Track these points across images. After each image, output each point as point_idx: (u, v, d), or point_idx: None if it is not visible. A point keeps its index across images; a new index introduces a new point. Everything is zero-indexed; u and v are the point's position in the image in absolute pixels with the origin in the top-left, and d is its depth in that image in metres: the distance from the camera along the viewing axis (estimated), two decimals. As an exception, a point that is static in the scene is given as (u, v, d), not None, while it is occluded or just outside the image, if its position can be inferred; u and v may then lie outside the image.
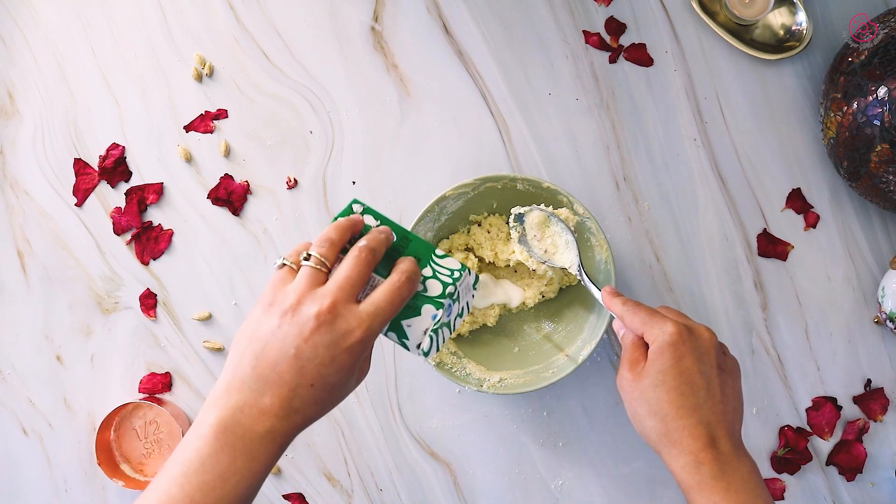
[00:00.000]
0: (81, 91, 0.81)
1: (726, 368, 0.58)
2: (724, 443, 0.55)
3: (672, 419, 0.55)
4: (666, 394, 0.55)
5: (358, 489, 0.79)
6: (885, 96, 0.68)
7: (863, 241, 0.80)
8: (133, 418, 0.79)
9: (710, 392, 0.56)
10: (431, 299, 0.52)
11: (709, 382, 0.56)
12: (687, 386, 0.55)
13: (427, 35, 0.81)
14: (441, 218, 0.74)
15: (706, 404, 0.55)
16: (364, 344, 0.48)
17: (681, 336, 0.56)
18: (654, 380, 0.56)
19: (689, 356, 0.56)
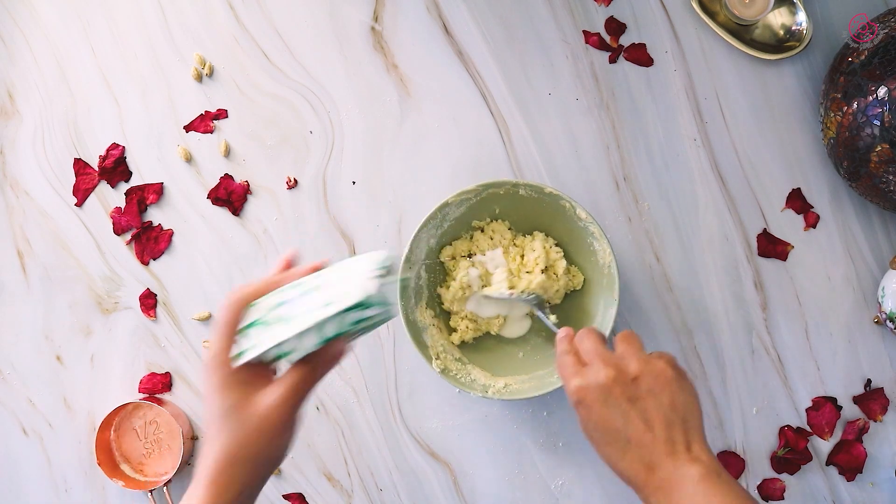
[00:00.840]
0: (81, 91, 0.81)
1: (640, 393, 0.56)
2: (665, 464, 0.54)
3: (614, 466, 0.57)
4: (597, 447, 0.57)
5: (358, 489, 0.79)
6: (885, 96, 0.68)
7: (863, 241, 0.80)
8: (133, 418, 0.79)
9: (631, 427, 0.55)
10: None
11: (626, 420, 0.56)
12: (608, 435, 0.56)
13: (427, 35, 0.81)
14: (444, 224, 0.74)
15: (632, 441, 0.55)
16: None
17: (580, 394, 0.57)
18: (586, 436, 0.58)
19: (595, 407, 0.56)
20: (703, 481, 0.52)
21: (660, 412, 0.56)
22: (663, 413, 0.56)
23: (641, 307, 0.79)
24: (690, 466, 0.53)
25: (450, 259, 0.76)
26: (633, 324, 0.79)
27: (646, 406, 0.56)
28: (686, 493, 0.52)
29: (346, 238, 0.80)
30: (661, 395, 0.57)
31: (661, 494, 0.53)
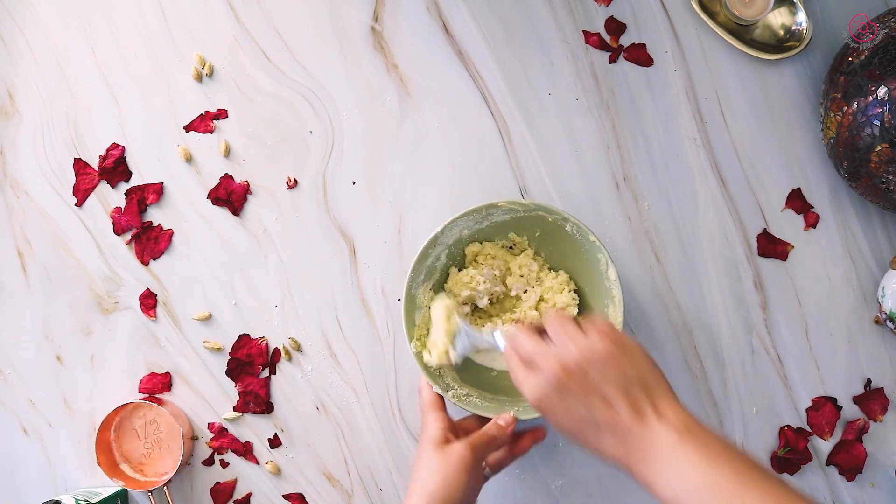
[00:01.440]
0: (81, 91, 0.81)
1: (591, 379, 0.56)
2: (636, 434, 0.53)
3: (597, 453, 0.56)
4: (575, 440, 0.57)
5: (358, 489, 0.79)
6: (885, 96, 0.68)
7: (863, 241, 0.80)
8: (133, 418, 0.79)
9: (596, 411, 0.55)
10: None
11: (588, 407, 0.55)
12: (578, 426, 0.56)
13: (427, 35, 0.81)
14: (483, 222, 0.73)
15: (602, 424, 0.55)
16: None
17: (537, 402, 0.57)
18: (562, 434, 0.58)
19: (556, 407, 0.56)
20: (676, 444, 0.52)
21: (615, 387, 0.55)
22: (618, 386, 0.55)
23: (641, 307, 0.79)
24: (660, 430, 0.53)
25: (473, 256, 0.75)
26: (633, 324, 0.79)
27: (600, 388, 0.55)
28: (663, 458, 0.52)
29: (346, 238, 0.80)
30: (610, 371, 0.56)
31: (643, 465, 0.53)
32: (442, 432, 0.66)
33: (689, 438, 0.52)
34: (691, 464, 0.50)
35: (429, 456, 0.64)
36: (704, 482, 0.49)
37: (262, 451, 0.80)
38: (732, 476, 0.49)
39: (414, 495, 0.62)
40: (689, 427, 0.52)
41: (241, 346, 0.80)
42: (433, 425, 0.66)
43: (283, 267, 0.80)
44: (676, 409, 0.54)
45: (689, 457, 0.51)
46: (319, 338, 0.80)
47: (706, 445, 0.51)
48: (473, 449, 0.64)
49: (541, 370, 0.57)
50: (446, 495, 0.62)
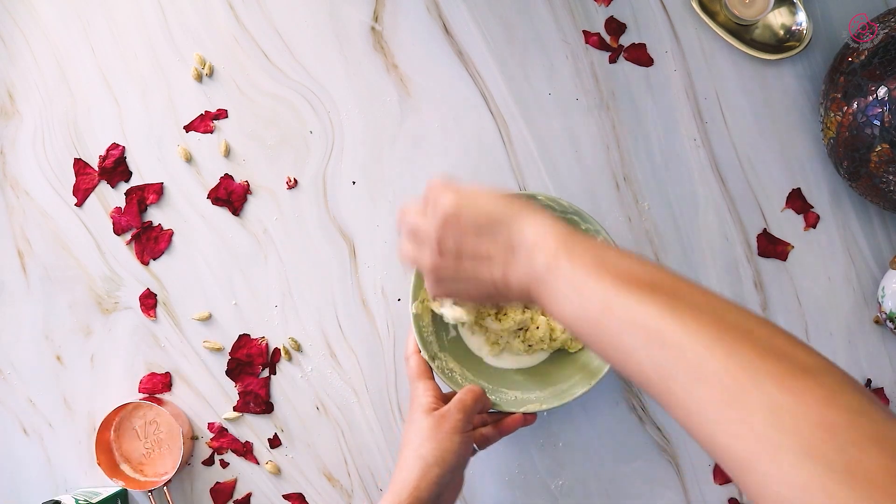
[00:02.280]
0: (81, 91, 0.81)
1: (460, 253, 0.54)
2: (517, 270, 0.51)
3: (502, 304, 0.54)
4: (484, 301, 0.56)
5: (358, 489, 0.79)
6: (885, 96, 0.68)
7: (863, 241, 0.80)
8: (133, 418, 0.79)
9: (480, 275, 0.53)
10: None
11: (473, 275, 0.54)
12: (478, 296, 0.55)
13: (427, 35, 0.81)
14: None
15: (493, 281, 0.53)
16: None
17: (433, 291, 0.58)
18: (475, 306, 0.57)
19: (448, 288, 0.56)
20: (548, 273, 0.48)
21: (477, 243, 0.53)
22: (479, 242, 0.53)
23: (641, 307, 0.79)
24: (532, 262, 0.49)
25: None
26: (633, 324, 0.79)
27: (468, 254, 0.54)
28: (546, 291, 0.49)
29: (346, 238, 0.80)
30: (464, 231, 0.53)
31: (541, 300, 0.50)
32: (433, 399, 0.66)
33: (556, 272, 0.48)
34: (563, 297, 0.47)
35: (420, 421, 0.64)
36: (575, 314, 0.46)
37: (262, 451, 0.80)
38: (599, 304, 0.45)
39: (407, 461, 0.62)
40: (554, 255, 0.49)
41: (241, 346, 0.80)
42: (423, 393, 0.67)
43: (283, 267, 0.80)
44: (537, 232, 0.51)
45: (561, 291, 0.48)
46: (319, 338, 0.80)
47: (573, 276, 0.47)
48: (463, 409, 0.64)
49: (420, 263, 0.57)
50: (440, 458, 0.62)
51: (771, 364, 0.37)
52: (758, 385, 0.36)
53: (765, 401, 0.35)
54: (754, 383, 0.36)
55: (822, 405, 0.34)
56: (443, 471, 0.62)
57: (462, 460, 0.64)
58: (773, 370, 0.36)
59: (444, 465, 0.62)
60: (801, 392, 0.35)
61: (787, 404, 0.35)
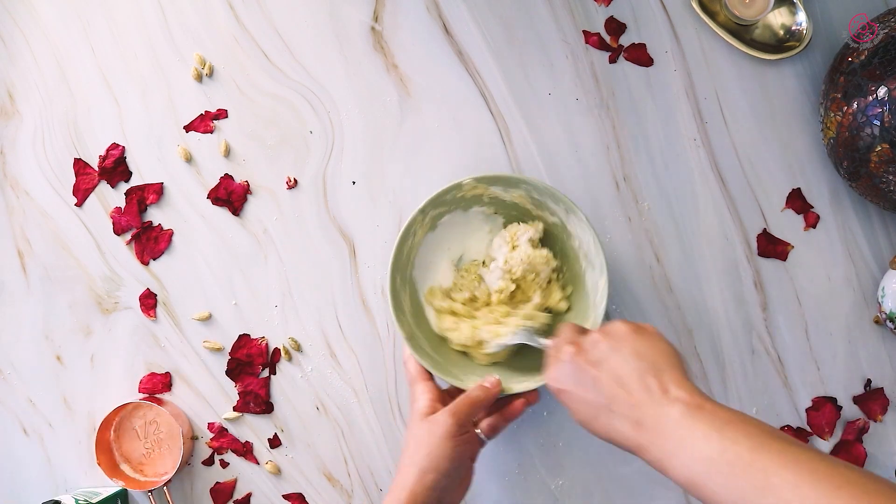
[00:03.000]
0: (81, 91, 0.81)
1: (602, 356, 0.56)
2: (648, 414, 0.52)
3: (609, 439, 0.55)
4: (590, 428, 0.56)
5: (358, 489, 0.79)
6: (885, 96, 0.68)
7: (863, 241, 0.80)
8: (133, 418, 0.79)
9: (605, 391, 0.54)
10: None
11: (597, 386, 0.55)
12: (590, 409, 0.55)
13: (427, 35, 0.81)
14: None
15: (611, 404, 0.54)
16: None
17: (554, 383, 0.58)
18: (581, 424, 0.57)
19: (570, 388, 0.57)
20: (685, 419, 0.49)
21: (627, 365, 0.54)
22: (630, 365, 0.54)
23: (641, 307, 0.79)
24: (669, 408, 0.51)
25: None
26: (633, 324, 0.79)
27: (611, 365, 0.55)
28: (674, 438, 0.49)
29: (346, 238, 0.80)
30: (622, 349, 0.55)
31: (656, 448, 0.51)
32: (430, 402, 0.66)
33: (698, 412, 0.50)
34: (703, 437, 0.48)
35: (416, 428, 0.65)
36: (716, 453, 0.47)
37: (262, 451, 0.80)
38: (746, 443, 0.46)
39: (405, 467, 0.63)
40: (699, 402, 0.50)
41: (241, 346, 0.80)
42: (421, 397, 0.67)
43: (283, 267, 0.80)
44: (686, 386, 0.52)
45: (700, 430, 0.48)
46: (319, 338, 0.80)
47: (717, 417, 0.49)
48: (455, 415, 0.65)
49: (559, 355, 0.58)
50: (434, 465, 0.63)
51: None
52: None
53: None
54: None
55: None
56: (438, 475, 0.63)
57: (458, 463, 0.64)
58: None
59: (439, 471, 0.63)
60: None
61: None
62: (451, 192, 0.71)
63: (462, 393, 0.68)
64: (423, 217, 0.71)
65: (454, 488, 0.66)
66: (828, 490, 0.42)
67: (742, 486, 0.45)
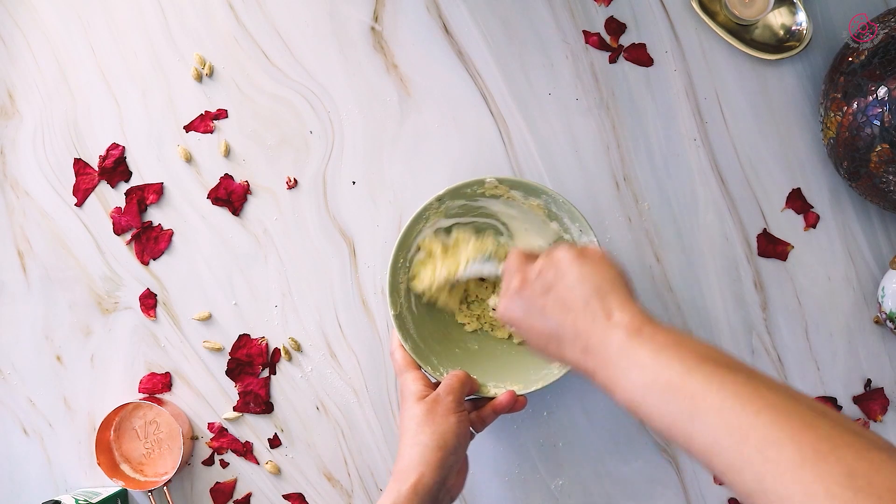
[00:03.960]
0: (81, 91, 0.81)
1: (547, 284, 0.56)
2: (592, 339, 0.52)
3: (564, 363, 0.56)
4: (544, 355, 0.57)
5: (358, 489, 0.79)
6: (885, 96, 0.68)
7: (863, 241, 0.80)
8: (133, 418, 0.79)
9: (553, 318, 0.54)
10: None
11: (544, 314, 0.55)
12: (542, 339, 0.56)
13: (427, 35, 0.81)
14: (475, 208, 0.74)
15: (560, 332, 0.54)
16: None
17: (504, 315, 0.59)
18: (534, 352, 0.59)
19: (519, 319, 0.58)
20: (626, 344, 0.50)
21: (571, 291, 0.55)
22: (575, 291, 0.54)
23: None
24: (612, 333, 0.51)
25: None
26: (633, 324, 0.79)
27: (556, 293, 0.55)
28: (616, 361, 0.50)
29: (346, 238, 0.80)
30: (567, 276, 0.56)
31: (601, 371, 0.51)
32: (422, 386, 0.67)
33: (638, 337, 0.50)
34: (638, 364, 0.49)
35: (412, 409, 0.65)
36: (650, 379, 0.47)
37: (262, 451, 0.80)
38: (679, 367, 0.46)
39: (407, 449, 0.63)
40: (641, 325, 0.51)
41: (241, 346, 0.80)
42: (413, 384, 0.67)
43: (283, 267, 0.80)
44: (631, 309, 0.52)
45: (639, 356, 0.49)
46: (319, 338, 0.80)
47: (654, 342, 0.49)
48: (451, 392, 0.66)
49: (506, 285, 0.59)
50: (440, 441, 0.62)
51: (848, 437, 0.39)
52: (835, 452, 0.38)
53: (842, 467, 0.38)
54: (832, 450, 0.39)
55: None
56: (444, 453, 0.62)
57: (461, 440, 0.64)
58: (851, 442, 0.39)
59: (446, 448, 0.62)
60: (877, 462, 0.38)
61: (863, 471, 0.37)
62: (472, 186, 0.71)
63: None
64: (438, 204, 0.71)
65: (456, 471, 0.66)
66: (749, 413, 0.42)
67: (673, 410, 0.46)
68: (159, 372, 0.80)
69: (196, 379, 0.80)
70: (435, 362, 0.71)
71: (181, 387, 0.80)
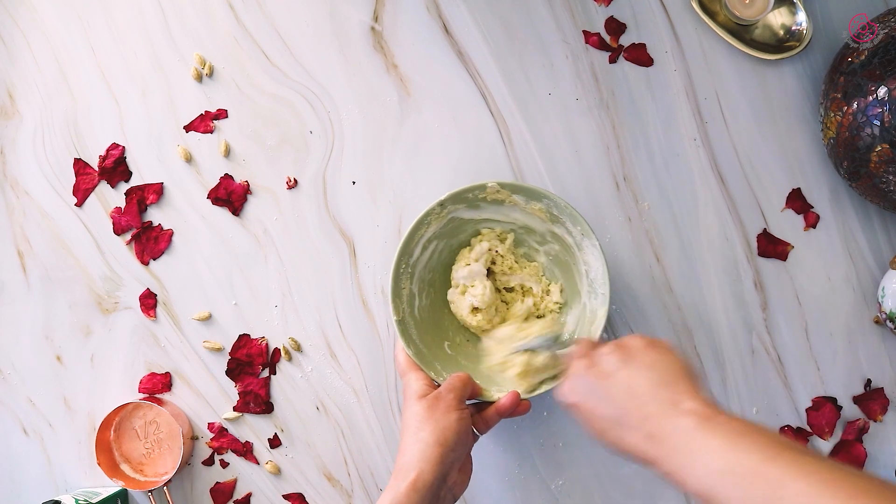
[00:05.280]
0: (81, 91, 0.81)
1: (614, 369, 0.56)
2: (662, 428, 0.52)
3: (624, 452, 0.55)
4: (604, 441, 0.57)
5: (358, 489, 0.79)
6: (885, 96, 0.68)
7: (863, 241, 0.80)
8: (133, 418, 0.79)
9: (618, 403, 0.54)
10: None
11: (610, 399, 0.55)
12: (603, 423, 0.56)
13: (427, 35, 0.81)
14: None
15: (623, 417, 0.54)
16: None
17: (567, 397, 0.59)
18: (595, 439, 0.58)
19: (583, 402, 0.57)
20: (697, 431, 0.50)
21: (639, 378, 0.55)
22: (643, 378, 0.55)
23: (641, 307, 0.79)
24: (681, 421, 0.51)
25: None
26: (633, 324, 0.79)
27: (624, 378, 0.55)
28: (687, 450, 0.50)
29: (346, 238, 0.80)
30: (635, 362, 0.56)
31: (669, 460, 0.51)
32: (425, 386, 0.67)
33: (710, 424, 0.50)
34: (714, 449, 0.48)
35: (414, 406, 0.65)
36: (729, 465, 0.47)
37: (262, 451, 0.80)
38: (759, 454, 0.46)
39: (408, 445, 0.63)
40: (711, 414, 0.51)
41: (241, 346, 0.80)
42: (415, 383, 0.68)
43: (283, 267, 0.80)
44: (698, 398, 0.52)
45: (713, 443, 0.49)
46: (319, 338, 0.80)
47: (729, 429, 0.49)
48: (453, 390, 0.66)
49: (572, 368, 0.59)
50: (440, 437, 0.62)
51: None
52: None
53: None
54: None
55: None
56: (445, 450, 0.62)
57: (463, 438, 0.64)
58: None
59: (446, 444, 0.62)
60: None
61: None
62: (473, 190, 0.71)
63: None
64: (441, 209, 0.71)
65: (457, 469, 0.66)
66: (840, 499, 0.42)
67: (755, 496, 0.45)
68: (159, 372, 0.80)
69: (196, 379, 0.80)
70: (438, 367, 0.71)
71: (181, 387, 0.80)
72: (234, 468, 0.80)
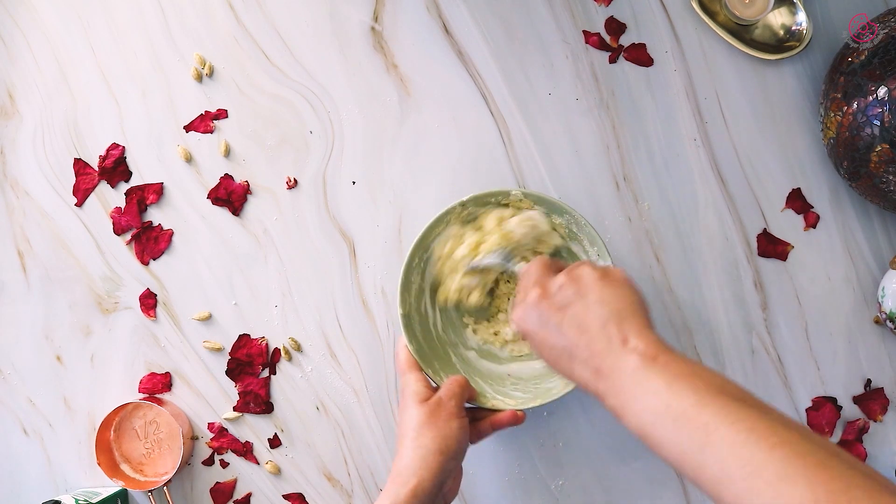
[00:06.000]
0: (81, 91, 0.81)
1: (566, 301, 0.56)
2: (606, 362, 0.52)
3: (572, 381, 0.56)
4: (553, 368, 0.58)
5: (358, 489, 0.79)
6: (885, 96, 0.68)
7: (863, 241, 0.80)
8: (133, 418, 0.79)
9: (567, 336, 0.55)
10: None
11: (560, 331, 0.55)
12: (553, 352, 0.56)
13: (427, 35, 0.81)
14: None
15: (572, 350, 0.54)
16: None
17: (519, 324, 0.59)
18: (545, 364, 0.59)
19: (533, 330, 0.58)
20: (639, 370, 0.50)
21: (590, 312, 0.55)
22: (593, 312, 0.55)
23: (641, 307, 0.79)
24: (627, 359, 0.51)
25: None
26: (633, 324, 0.79)
27: (575, 311, 0.55)
28: (628, 387, 0.50)
29: (346, 238, 0.80)
30: (587, 296, 0.56)
31: (612, 395, 0.52)
32: (424, 388, 0.67)
33: (653, 365, 0.50)
34: (651, 391, 0.49)
35: (413, 410, 0.65)
36: (662, 407, 0.47)
37: (262, 451, 0.80)
38: (692, 398, 0.47)
39: (407, 451, 0.62)
40: (656, 353, 0.51)
41: (241, 346, 0.80)
42: (415, 384, 0.67)
43: (283, 267, 0.80)
44: (645, 335, 0.53)
45: (650, 384, 0.49)
46: (319, 338, 0.80)
47: (668, 370, 0.49)
48: (453, 397, 0.66)
49: (525, 295, 0.59)
50: (441, 445, 0.62)
51: (860, 479, 0.40)
52: (847, 493, 0.39)
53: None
54: (844, 490, 0.39)
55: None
56: (445, 458, 0.62)
57: (462, 446, 0.64)
58: (863, 484, 0.39)
59: (447, 452, 0.62)
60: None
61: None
62: (497, 195, 0.71)
63: None
64: (462, 209, 0.71)
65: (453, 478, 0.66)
66: (763, 449, 0.42)
67: (684, 440, 0.46)
68: (159, 372, 0.80)
69: (196, 379, 0.80)
70: (437, 366, 0.71)
71: (181, 387, 0.80)
72: (234, 468, 0.80)
